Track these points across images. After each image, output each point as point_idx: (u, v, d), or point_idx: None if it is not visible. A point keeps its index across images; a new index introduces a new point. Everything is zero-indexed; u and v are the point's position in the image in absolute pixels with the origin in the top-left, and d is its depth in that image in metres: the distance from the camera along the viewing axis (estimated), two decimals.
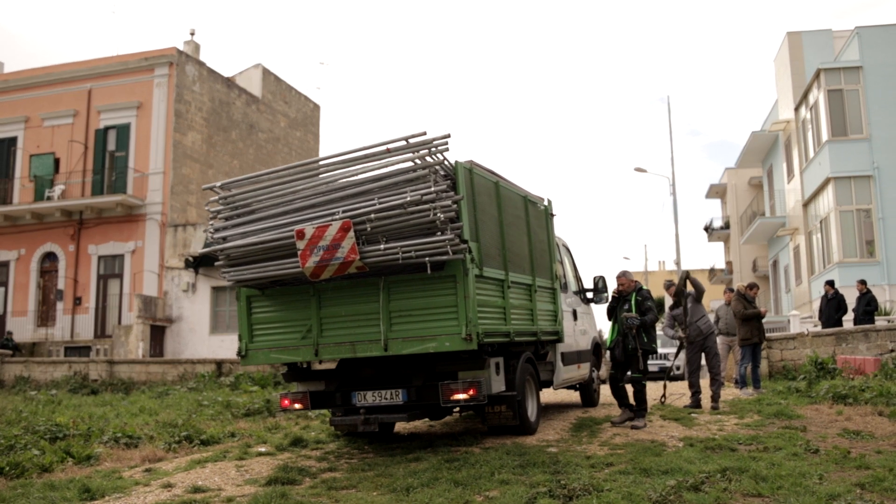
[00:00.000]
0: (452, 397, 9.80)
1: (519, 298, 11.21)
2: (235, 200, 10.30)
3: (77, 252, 35.09)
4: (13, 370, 27.83)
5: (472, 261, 9.52)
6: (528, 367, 11.44)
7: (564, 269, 14.15)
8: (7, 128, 37.01)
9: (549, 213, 13.04)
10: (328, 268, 9.31)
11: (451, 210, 9.11)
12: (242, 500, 8.12)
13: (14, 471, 10.34)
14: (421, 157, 9.31)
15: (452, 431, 12.38)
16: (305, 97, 45.20)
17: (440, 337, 9.49)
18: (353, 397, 10.40)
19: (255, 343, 10.50)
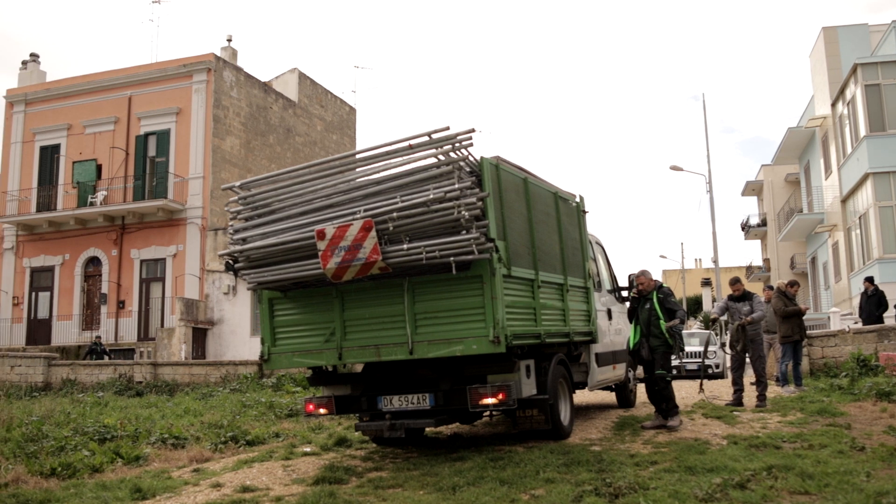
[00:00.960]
0: (481, 402, 9.27)
1: (550, 298, 10.67)
2: (255, 200, 9.86)
3: (120, 256, 35.02)
4: (60, 373, 27.69)
5: (500, 260, 9.01)
6: (561, 369, 10.87)
7: (598, 267, 13.53)
8: (50, 135, 36.98)
9: (581, 209, 12.44)
10: (350, 269, 8.83)
11: (477, 208, 8.60)
12: (291, 499, 8.09)
13: (66, 471, 10.46)
14: (444, 153, 8.84)
15: (496, 431, 12.04)
16: (341, 100, 44.87)
17: (467, 340, 9.01)
18: (379, 402, 9.92)
19: (278, 347, 10.08)
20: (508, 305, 9.16)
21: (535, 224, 10.32)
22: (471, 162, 9.08)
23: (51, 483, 9.98)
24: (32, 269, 36.45)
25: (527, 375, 9.80)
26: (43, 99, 37.49)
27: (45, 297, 36.20)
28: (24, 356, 28.81)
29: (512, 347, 9.15)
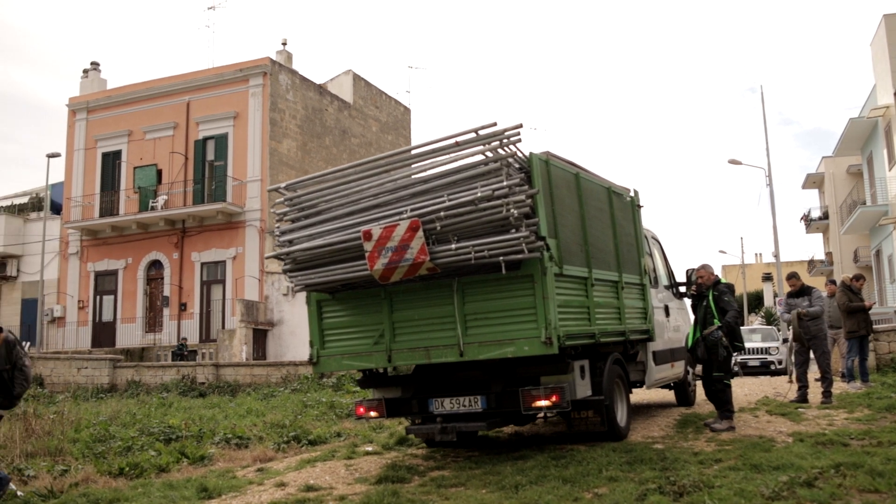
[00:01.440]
0: (534, 404, 8.96)
1: (604, 296, 10.30)
2: (302, 201, 9.64)
3: (181, 259, 35.26)
4: (125, 374, 27.98)
5: (551, 258, 8.67)
6: (617, 368, 10.51)
7: (654, 262, 13.09)
8: (112, 142, 37.41)
9: (636, 204, 12.02)
10: (398, 270, 8.56)
11: (526, 205, 8.26)
12: (355, 498, 8.06)
13: (134, 471, 10.74)
14: (492, 150, 8.52)
15: (557, 430, 11.80)
16: (396, 101, 44.79)
17: (518, 341, 8.70)
18: (430, 404, 9.65)
19: (327, 349, 9.87)
20: (561, 305, 8.84)
21: (587, 220, 9.97)
22: (519, 158, 8.75)
23: (119, 482, 10.19)
24: (97, 273, 36.89)
25: (581, 376, 9.47)
26: (104, 106, 37.93)
27: (109, 301, 36.62)
28: (91, 358, 29.21)
29: (565, 348, 8.83)
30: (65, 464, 11.47)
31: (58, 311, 36.81)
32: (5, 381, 8.27)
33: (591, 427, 9.90)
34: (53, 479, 10.29)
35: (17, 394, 8.44)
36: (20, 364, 8.40)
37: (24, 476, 10.69)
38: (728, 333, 11.09)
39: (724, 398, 11.09)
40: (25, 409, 14.75)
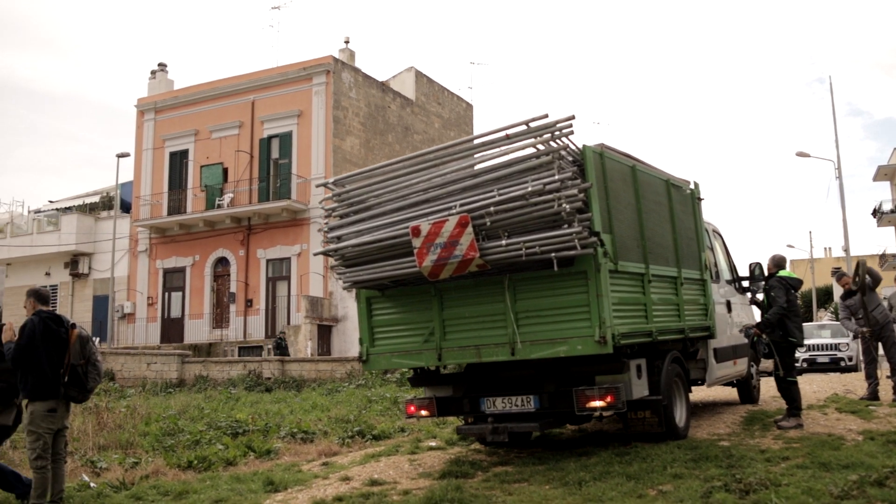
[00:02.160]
0: (588, 404, 8.60)
1: (662, 293, 9.89)
2: (350, 197, 9.40)
3: (247, 256, 35.46)
4: (193, 370, 28.28)
5: (605, 254, 8.33)
6: (676, 367, 10.07)
7: (716, 256, 12.57)
8: (179, 141, 37.78)
9: (697, 197, 11.55)
10: (447, 266, 8.29)
11: (579, 199, 7.95)
12: (419, 492, 8.01)
13: (202, 464, 10.93)
14: (544, 143, 8.18)
15: (621, 427, 11.46)
16: (458, 97, 44.52)
17: (571, 340, 8.36)
18: (481, 404, 9.32)
19: (377, 347, 9.65)
20: (616, 302, 8.48)
21: (644, 214, 9.57)
22: (572, 151, 8.43)
23: (188, 475, 10.36)
24: (165, 270, 37.32)
25: (638, 376, 9.07)
26: (171, 106, 38.34)
27: (177, 297, 37.03)
28: (160, 354, 29.60)
29: (620, 347, 8.48)
30: (135, 456, 11.76)
31: (128, 307, 37.35)
32: (80, 376, 8.31)
33: (648, 428, 9.51)
34: (125, 472, 10.54)
35: (90, 388, 8.47)
36: (93, 359, 8.44)
37: (96, 468, 10.92)
38: (777, 329, 10.74)
39: (788, 396, 10.72)
40: (97, 402, 15.30)
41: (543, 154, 8.11)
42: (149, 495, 8.98)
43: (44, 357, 8.15)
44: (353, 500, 8.04)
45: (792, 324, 10.88)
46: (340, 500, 8.10)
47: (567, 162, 8.27)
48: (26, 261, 41.16)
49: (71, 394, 8.33)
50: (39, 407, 8.15)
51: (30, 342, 8.13)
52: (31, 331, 8.18)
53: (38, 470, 8.09)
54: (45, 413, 8.14)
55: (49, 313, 8.39)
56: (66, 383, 8.24)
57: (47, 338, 8.22)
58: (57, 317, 8.45)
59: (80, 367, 8.30)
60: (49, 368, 8.15)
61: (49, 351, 8.19)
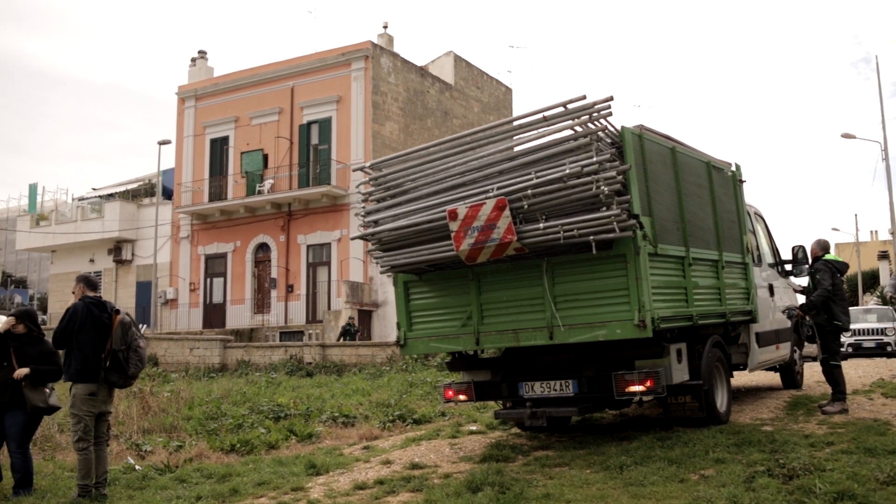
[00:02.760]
0: (627, 389, 8.50)
1: (703, 276, 9.74)
2: (387, 181, 9.36)
3: (287, 242, 35.61)
4: (235, 354, 28.49)
5: (644, 237, 8.20)
6: (717, 351, 9.93)
7: (758, 240, 12.36)
8: (220, 128, 37.98)
9: (738, 179, 11.36)
10: (484, 250, 8.22)
11: (618, 182, 7.82)
12: (459, 476, 8.02)
13: (245, 447, 11.15)
14: (582, 125, 8.07)
15: (661, 412, 11.42)
16: (497, 81, 44.29)
17: (610, 324, 8.26)
18: (520, 388, 9.26)
19: (414, 331, 9.60)
20: (655, 286, 8.37)
21: (684, 197, 9.43)
22: (611, 133, 8.30)
23: (231, 458, 10.57)
24: (207, 256, 37.61)
25: (678, 360, 8.95)
26: (211, 93, 38.55)
27: (219, 283, 37.33)
28: (202, 339, 29.85)
29: (660, 331, 8.36)
30: (179, 440, 11.95)
31: (170, 293, 37.71)
32: (120, 361, 8.40)
33: (688, 413, 9.41)
34: (169, 455, 10.71)
35: (131, 374, 8.55)
36: (135, 345, 8.52)
37: (141, 451, 11.16)
38: (822, 312, 10.59)
39: (832, 380, 10.60)
40: (142, 387, 15.45)
41: (581, 136, 8.02)
42: (192, 478, 9.09)
43: (86, 341, 8.30)
44: (394, 483, 8.07)
45: (837, 307, 10.73)
46: (382, 483, 8.15)
47: (605, 144, 8.17)
48: (71, 247, 41.72)
49: (112, 378, 8.44)
50: (81, 390, 8.32)
51: (68, 325, 8.33)
52: (71, 315, 8.37)
53: (80, 451, 8.28)
54: (86, 396, 8.29)
55: (93, 299, 8.55)
56: (108, 368, 8.36)
57: (90, 322, 8.37)
58: (101, 302, 8.60)
59: (121, 353, 8.39)
60: (91, 352, 8.30)
61: (92, 335, 8.34)
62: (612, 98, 7.94)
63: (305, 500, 7.77)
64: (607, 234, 7.81)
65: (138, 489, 8.76)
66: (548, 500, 6.87)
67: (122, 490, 8.71)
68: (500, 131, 8.78)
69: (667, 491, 6.83)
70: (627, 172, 8.03)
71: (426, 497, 7.35)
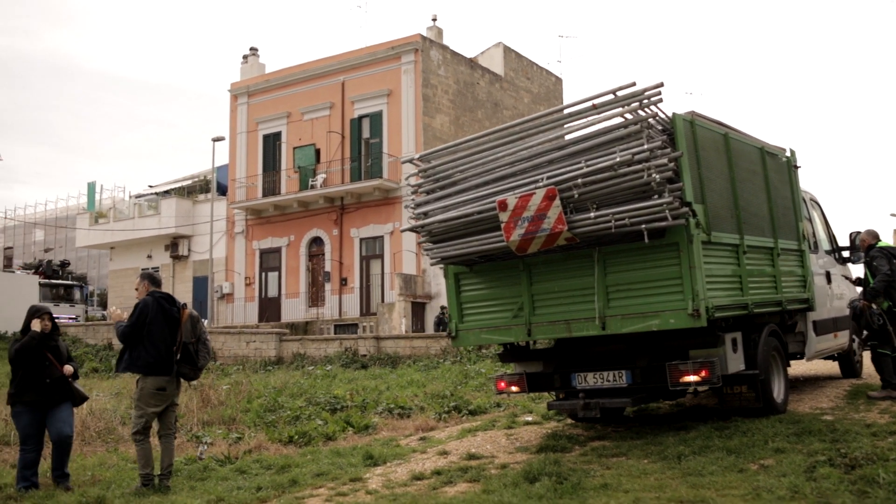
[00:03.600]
0: (682, 379, 8.38)
1: (758, 264, 9.57)
2: (436, 172, 9.34)
3: (340, 236, 35.71)
4: (291, 347, 28.68)
5: (698, 225, 8.08)
6: (773, 340, 9.74)
7: (814, 226, 12.15)
8: (272, 124, 38.18)
9: (793, 164, 11.15)
10: (535, 240, 8.15)
11: (669, 169, 7.71)
12: (516, 466, 8.05)
13: (302, 439, 11.31)
14: (632, 112, 7.96)
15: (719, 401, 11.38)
16: (547, 71, 43.95)
17: (664, 313, 8.15)
18: (572, 379, 9.18)
19: (466, 323, 9.56)
20: (709, 274, 8.24)
21: (738, 183, 9.27)
22: (662, 120, 8.19)
23: (289, 450, 10.71)
24: (261, 250, 37.85)
25: (733, 349, 8.82)
26: (263, 90, 38.73)
27: (273, 277, 37.55)
28: (258, 332, 30.06)
29: (714, 320, 8.24)
30: (238, 432, 12.12)
31: (226, 287, 38.05)
32: (191, 353, 8.61)
33: (744, 403, 9.23)
34: (229, 446, 10.87)
35: (200, 366, 8.75)
36: (203, 338, 8.75)
37: (201, 443, 11.35)
38: (885, 295, 10.41)
39: (880, 367, 10.48)
40: (202, 381, 15.55)
41: (632, 123, 7.92)
42: (252, 469, 9.24)
43: (157, 335, 8.50)
44: (451, 473, 8.11)
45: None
46: (439, 473, 8.19)
47: (656, 131, 8.05)
48: (129, 244, 42.28)
49: (183, 371, 8.62)
50: (150, 384, 8.47)
51: (139, 320, 8.49)
52: (142, 310, 8.54)
53: (137, 443, 8.49)
54: (154, 391, 8.45)
55: (163, 294, 8.75)
56: (179, 360, 8.54)
57: (161, 316, 8.56)
58: (170, 297, 8.81)
59: (191, 346, 8.60)
60: (163, 346, 8.50)
61: (163, 329, 8.54)
62: (663, 84, 7.82)
63: (364, 490, 7.85)
64: (659, 222, 7.72)
65: (200, 480, 8.90)
66: (606, 491, 6.83)
67: (185, 481, 8.83)
68: (550, 120, 8.70)
69: (726, 481, 6.76)
70: (679, 159, 7.91)
71: (484, 487, 7.37)
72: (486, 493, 7.08)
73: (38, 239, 61.50)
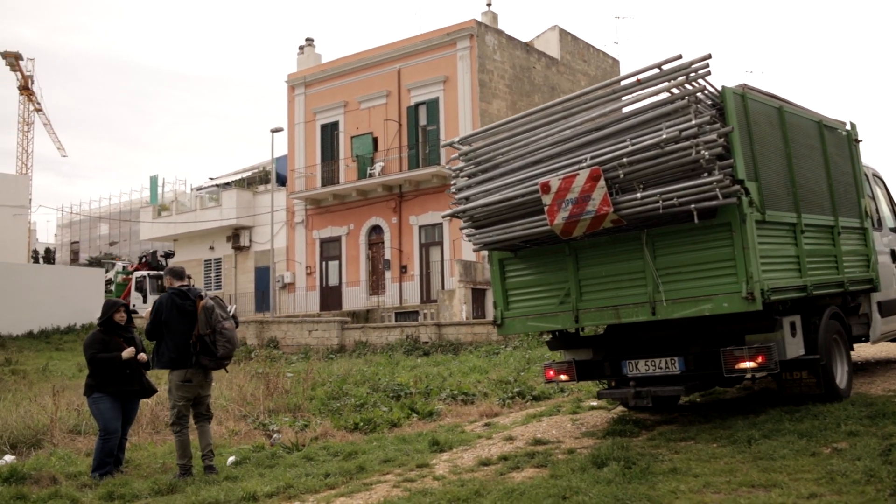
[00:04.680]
0: (737, 366, 7.96)
1: (817, 244, 9.10)
2: (477, 155, 9.01)
3: (399, 223, 35.56)
4: (353, 335, 28.72)
5: (751, 204, 7.66)
6: (835, 323, 9.25)
7: (877, 203, 11.53)
8: (330, 114, 38.11)
9: (854, 139, 10.60)
10: (580, 223, 7.79)
11: (719, 145, 7.30)
12: (584, 451, 7.96)
13: (368, 426, 11.43)
14: (678, 86, 7.55)
15: None
16: (604, 53, 43.20)
17: (716, 297, 7.74)
18: (623, 367, 8.82)
19: (511, 310, 9.25)
20: (764, 255, 7.80)
21: (794, 159, 8.79)
22: (711, 94, 7.77)
23: (355, 437, 10.82)
24: (321, 240, 37.87)
25: (792, 333, 8.34)
26: (320, 80, 38.65)
27: (334, 266, 37.55)
28: (321, 321, 30.13)
29: (771, 303, 7.80)
30: (304, 419, 12.20)
31: (288, 277, 38.16)
32: (208, 345, 8.69)
33: (805, 389, 8.74)
34: (296, 434, 10.94)
35: (220, 355, 8.79)
36: (219, 327, 8.75)
37: (268, 430, 11.53)
38: None
39: None
40: (266, 369, 16.29)
41: (678, 98, 7.51)
42: (319, 456, 9.33)
43: (175, 330, 8.73)
44: (518, 458, 8.03)
45: None
46: (506, 458, 8.13)
47: (705, 105, 7.65)
48: (191, 236, 42.70)
49: (203, 362, 8.75)
50: (176, 377, 8.75)
51: (156, 318, 8.79)
52: (157, 308, 8.84)
53: (175, 434, 8.79)
54: (181, 383, 8.71)
55: (176, 289, 8.94)
56: (198, 352, 8.67)
57: (176, 312, 8.78)
58: (183, 291, 8.96)
59: (207, 337, 8.69)
60: (181, 340, 8.71)
61: (179, 324, 8.75)
62: (710, 56, 7.43)
63: (431, 476, 7.83)
64: (709, 201, 7.34)
65: (268, 467, 9.05)
66: (675, 475, 6.70)
67: (253, 468, 9.04)
68: (592, 98, 8.31)
69: (798, 465, 6.59)
70: (730, 135, 7.50)
71: (551, 472, 7.28)
72: (554, 479, 6.97)
73: (103, 233, 62.41)
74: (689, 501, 5.97)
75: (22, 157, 65.44)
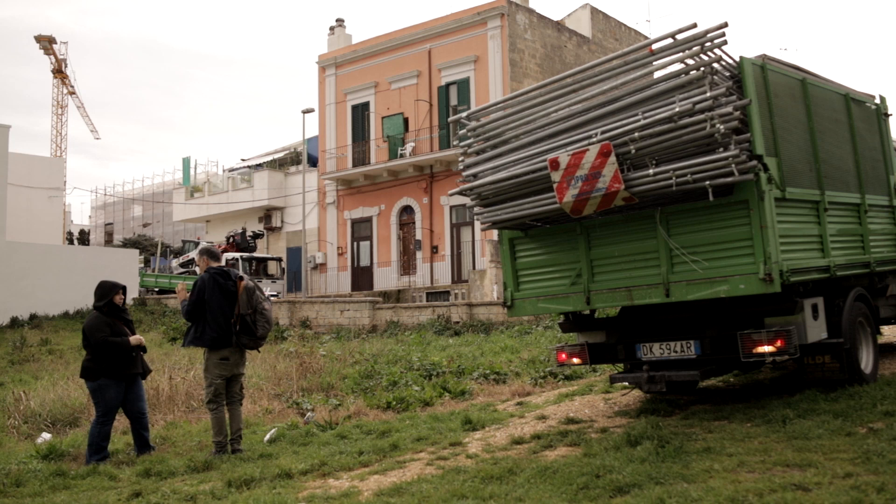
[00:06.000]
0: (755, 350, 7.57)
1: (842, 223, 8.65)
2: (486, 131, 8.65)
3: (430, 204, 35.24)
4: (384, 315, 28.51)
5: (770, 180, 7.25)
6: (860, 306, 8.79)
7: None
8: (360, 94, 37.80)
9: (883, 112, 10.09)
10: (590, 201, 7.42)
11: (735, 119, 6.89)
12: (617, 430, 7.91)
13: (400, 405, 11.39)
14: (693, 56, 7.13)
15: None
16: (636, 32, 42.44)
17: (733, 278, 7.35)
18: (637, 350, 8.47)
19: (522, 291, 8.91)
20: (784, 235, 7.39)
21: (818, 134, 8.33)
22: (728, 65, 7.34)
23: (388, 415, 10.83)
24: (353, 220, 37.66)
25: (814, 316, 7.91)
26: (350, 61, 38.32)
27: (365, 246, 37.36)
28: (352, 301, 29.94)
29: (790, 285, 7.38)
30: (337, 398, 12.45)
31: (319, 257, 38.03)
32: (248, 324, 8.74)
33: (827, 374, 8.33)
34: (329, 412, 11.00)
35: (260, 335, 8.88)
36: (260, 308, 8.82)
37: (302, 409, 11.60)
38: None
39: None
40: (298, 349, 16.31)
41: (693, 69, 7.10)
42: (353, 434, 9.38)
43: (217, 309, 8.71)
44: (551, 437, 8.02)
45: None
46: (539, 437, 8.12)
47: (722, 77, 7.24)
48: (224, 217, 42.77)
49: (243, 341, 8.79)
50: (214, 355, 8.76)
51: (199, 297, 8.76)
52: (200, 287, 8.80)
53: (211, 411, 8.78)
54: (218, 361, 8.72)
55: (217, 269, 8.95)
56: (238, 332, 8.73)
57: (218, 291, 8.78)
58: (225, 272, 8.95)
59: (248, 317, 8.77)
60: (223, 320, 8.70)
61: (221, 303, 8.75)
62: (727, 24, 7.01)
63: (464, 454, 7.85)
64: (725, 177, 6.93)
65: (302, 445, 9.08)
66: (709, 454, 6.61)
67: (288, 446, 9.05)
68: (604, 69, 7.90)
69: (833, 444, 6.48)
70: (747, 108, 7.08)
71: (585, 451, 7.23)
72: (588, 457, 6.90)
73: (137, 214, 62.81)
74: (724, 480, 5.82)
75: (56, 139, 65.95)
